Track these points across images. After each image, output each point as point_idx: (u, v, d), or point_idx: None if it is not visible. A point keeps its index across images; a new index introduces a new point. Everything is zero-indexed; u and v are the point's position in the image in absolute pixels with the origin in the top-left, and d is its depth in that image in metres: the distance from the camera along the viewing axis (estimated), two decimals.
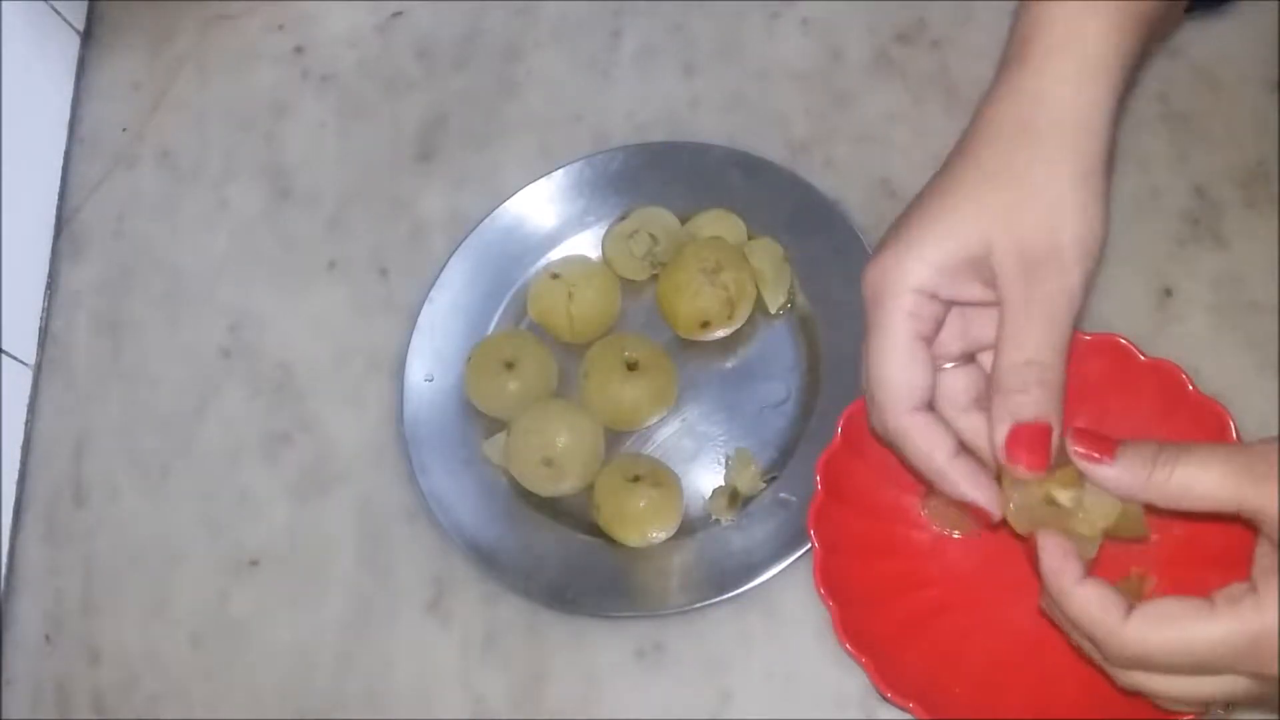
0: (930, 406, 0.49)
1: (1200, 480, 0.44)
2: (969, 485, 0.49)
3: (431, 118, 0.75)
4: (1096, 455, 0.46)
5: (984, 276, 0.48)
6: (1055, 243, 0.46)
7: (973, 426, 0.50)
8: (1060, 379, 0.46)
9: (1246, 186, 0.64)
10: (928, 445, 0.48)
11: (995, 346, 0.47)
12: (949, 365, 0.51)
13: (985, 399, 0.50)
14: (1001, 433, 0.47)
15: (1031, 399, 0.46)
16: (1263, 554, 0.44)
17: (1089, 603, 0.45)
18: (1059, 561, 0.46)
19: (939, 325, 0.49)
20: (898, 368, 0.48)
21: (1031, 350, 0.46)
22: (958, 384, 0.51)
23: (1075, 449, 0.46)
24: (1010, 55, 0.49)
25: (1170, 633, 0.44)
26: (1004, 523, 0.53)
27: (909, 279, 0.47)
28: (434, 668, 0.63)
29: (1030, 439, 0.46)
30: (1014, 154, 0.47)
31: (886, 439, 0.50)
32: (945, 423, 0.49)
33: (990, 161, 0.48)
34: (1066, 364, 0.47)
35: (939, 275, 0.48)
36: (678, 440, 0.65)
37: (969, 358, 0.52)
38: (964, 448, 0.49)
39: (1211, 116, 0.66)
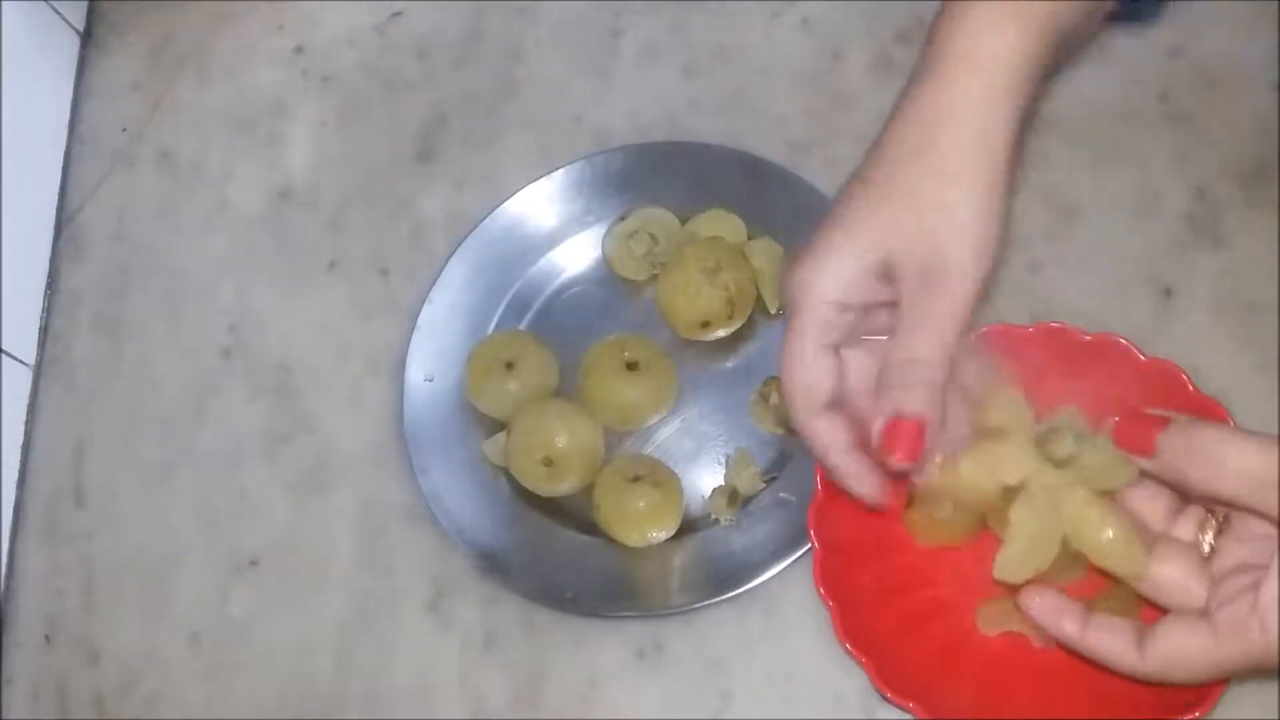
0: (838, 404, 0.52)
1: (1234, 464, 0.45)
2: (856, 481, 0.51)
3: (431, 118, 0.75)
4: (1139, 451, 0.48)
5: (889, 280, 0.50)
6: (949, 257, 0.48)
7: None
8: (941, 380, 0.49)
9: (1246, 186, 0.64)
10: (824, 443, 0.51)
11: (887, 346, 0.50)
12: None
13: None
14: (878, 425, 0.49)
15: (912, 395, 0.48)
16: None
17: (1102, 650, 0.49)
18: (1054, 619, 0.50)
19: (850, 330, 0.52)
20: (805, 374, 0.51)
21: (916, 351, 0.48)
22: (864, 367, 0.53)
23: (1120, 442, 0.48)
24: (919, 66, 0.50)
25: (1186, 665, 0.47)
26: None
27: (819, 293, 0.50)
28: (434, 668, 0.63)
29: (906, 433, 0.48)
30: (916, 170, 0.49)
31: (798, 434, 0.53)
32: (846, 421, 0.52)
33: (894, 176, 0.49)
34: (948, 368, 0.49)
35: (847, 287, 0.50)
36: (678, 440, 0.65)
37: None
38: (858, 444, 0.52)
39: (1211, 116, 0.66)
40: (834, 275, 0.50)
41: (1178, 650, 0.47)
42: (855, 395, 0.52)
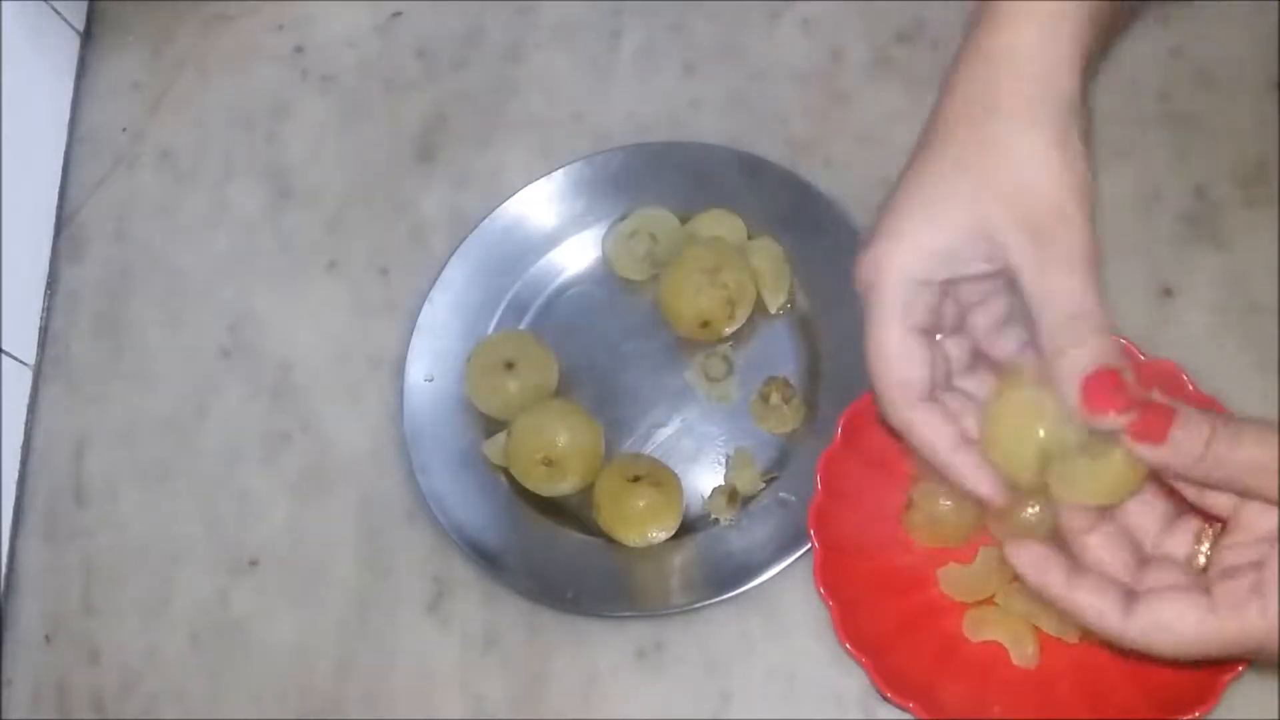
0: (933, 394, 0.49)
1: (1256, 463, 0.43)
2: (971, 478, 0.48)
3: (431, 118, 0.75)
4: (1149, 439, 0.44)
5: (984, 253, 0.47)
6: (1056, 204, 0.45)
7: (972, 387, 0.50)
8: (1108, 324, 0.45)
9: (1246, 186, 0.64)
10: (930, 439, 0.48)
11: (1030, 314, 0.46)
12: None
13: (976, 361, 0.51)
14: (1073, 390, 0.45)
15: (1090, 349, 0.45)
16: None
17: (1084, 608, 0.46)
18: (1040, 575, 0.46)
19: (936, 311, 0.49)
20: (895, 363, 0.48)
21: (1074, 304, 0.45)
22: (951, 352, 0.50)
23: (1130, 428, 0.44)
24: (972, 19, 0.48)
25: (1174, 636, 0.44)
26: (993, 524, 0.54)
27: (901, 271, 0.47)
28: (434, 668, 0.63)
29: (1107, 385, 0.44)
30: (987, 124, 0.46)
31: (893, 430, 0.50)
32: (947, 414, 0.49)
33: (964, 136, 0.47)
34: (1108, 315, 0.46)
35: (933, 262, 0.47)
36: (678, 440, 0.65)
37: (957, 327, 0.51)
38: (965, 438, 0.49)
39: (1211, 116, 0.66)
40: (913, 251, 0.47)
41: (1168, 619, 0.44)
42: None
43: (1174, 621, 0.44)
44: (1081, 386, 0.44)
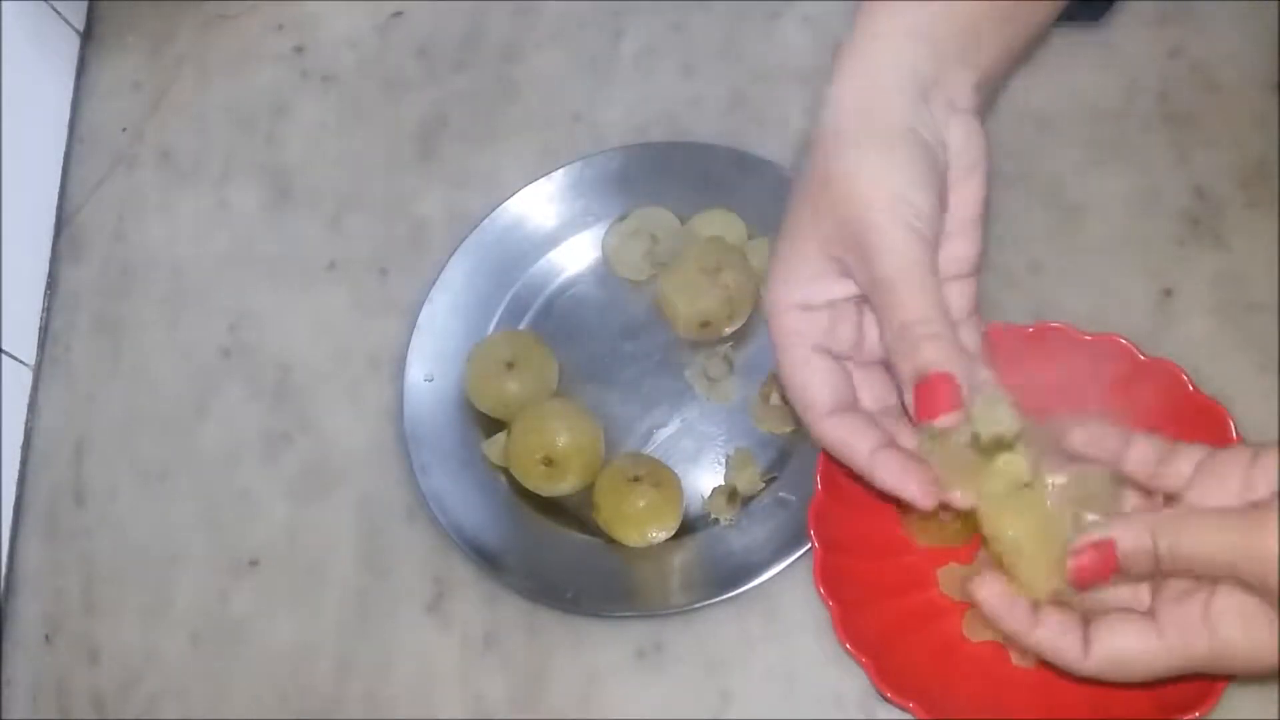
0: (850, 407, 0.51)
1: (1200, 555, 0.44)
2: (894, 478, 0.49)
3: (431, 118, 0.75)
4: (1101, 577, 0.46)
5: (841, 273, 0.50)
6: (871, 223, 0.47)
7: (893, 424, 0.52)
8: (943, 331, 0.47)
9: (1246, 186, 0.64)
10: (848, 445, 0.50)
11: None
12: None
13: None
14: (907, 397, 0.47)
15: (922, 352, 0.47)
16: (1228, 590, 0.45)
17: (1047, 645, 0.48)
18: (1005, 612, 0.48)
19: (831, 333, 0.51)
20: (800, 380, 0.51)
21: (901, 317, 0.47)
22: (878, 387, 0.53)
23: (1078, 573, 0.46)
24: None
25: (1126, 668, 0.47)
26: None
27: (782, 300, 0.51)
28: (434, 668, 0.63)
29: (935, 389, 0.46)
30: (822, 153, 0.49)
31: (818, 445, 0.52)
32: (868, 420, 0.51)
33: (811, 170, 0.50)
34: (946, 319, 0.47)
35: (808, 287, 0.51)
36: (678, 440, 0.65)
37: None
38: (891, 442, 0.50)
39: (1211, 116, 0.66)
40: (791, 280, 0.51)
41: (1121, 651, 0.46)
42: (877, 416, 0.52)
43: (1127, 653, 0.46)
44: (913, 395, 0.47)
